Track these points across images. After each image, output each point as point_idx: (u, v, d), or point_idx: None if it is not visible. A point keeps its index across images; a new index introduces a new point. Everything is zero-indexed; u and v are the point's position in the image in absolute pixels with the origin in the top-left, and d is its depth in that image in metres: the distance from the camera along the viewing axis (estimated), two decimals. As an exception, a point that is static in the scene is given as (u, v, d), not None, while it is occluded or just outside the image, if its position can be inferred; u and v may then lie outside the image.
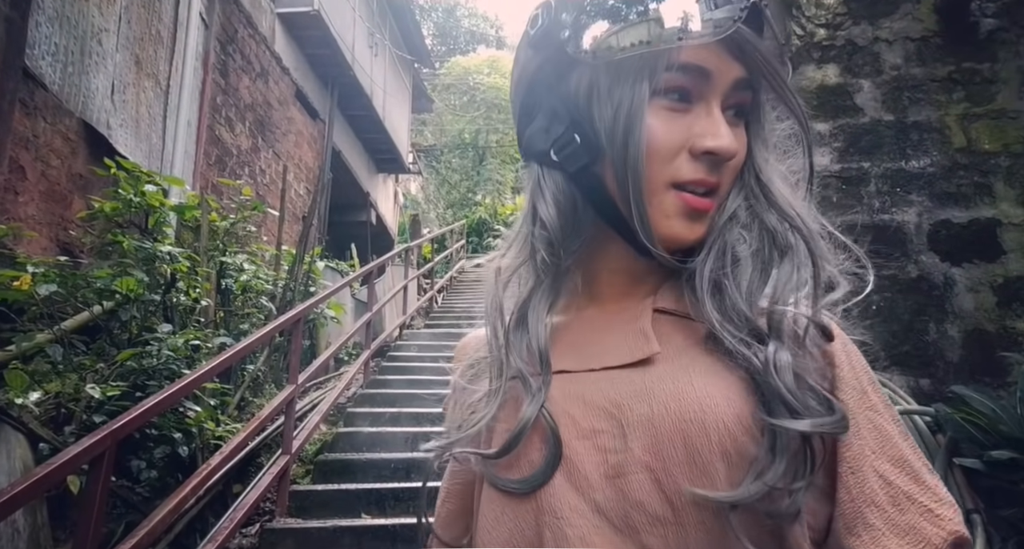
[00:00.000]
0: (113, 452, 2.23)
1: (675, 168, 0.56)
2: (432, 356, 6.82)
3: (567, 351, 0.62)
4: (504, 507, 0.58)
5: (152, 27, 5.36)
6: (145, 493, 3.37)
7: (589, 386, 0.58)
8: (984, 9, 3.19)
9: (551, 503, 0.55)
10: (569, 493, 0.55)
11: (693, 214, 0.56)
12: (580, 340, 0.63)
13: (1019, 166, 3.02)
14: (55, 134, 4.22)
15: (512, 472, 0.58)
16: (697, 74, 0.55)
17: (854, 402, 0.54)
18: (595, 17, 0.56)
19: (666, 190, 0.56)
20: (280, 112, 8.03)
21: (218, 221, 5.10)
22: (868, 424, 0.54)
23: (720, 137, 0.55)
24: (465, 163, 19.56)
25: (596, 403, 0.57)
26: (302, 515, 3.87)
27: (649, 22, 0.54)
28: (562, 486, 0.55)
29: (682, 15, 0.53)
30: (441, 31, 26.16)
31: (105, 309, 3.86)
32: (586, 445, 0.56)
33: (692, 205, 0.56)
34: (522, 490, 0.56)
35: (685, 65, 0.55)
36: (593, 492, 0.54)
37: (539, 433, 0.58)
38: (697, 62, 0.55)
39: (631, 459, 0.53)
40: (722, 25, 0.53)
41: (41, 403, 3.14)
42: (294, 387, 4.01)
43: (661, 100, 0.56)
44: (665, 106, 0.56)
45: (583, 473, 0.55)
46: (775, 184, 0.58)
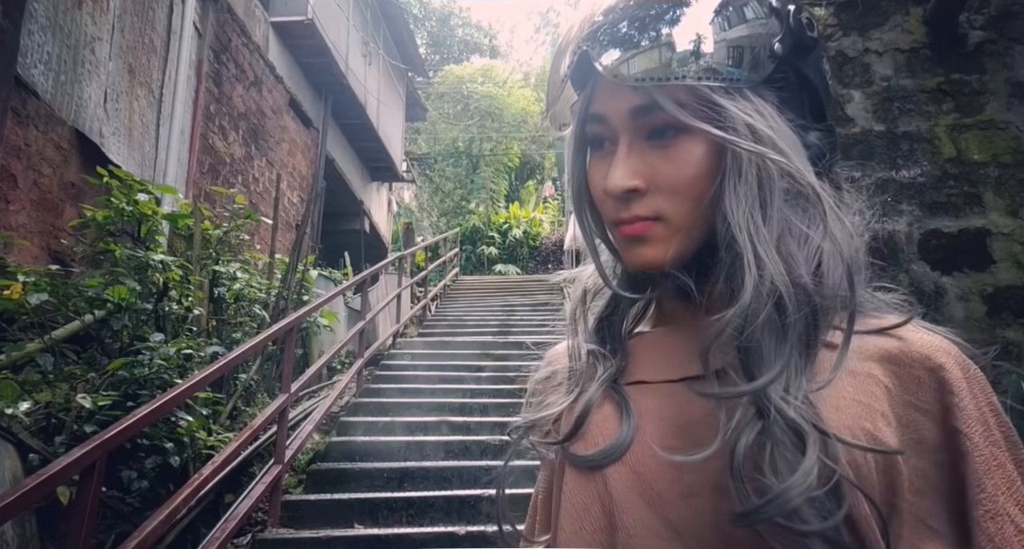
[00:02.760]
0: (104, 463, 2.21)
1: (606, 210, 0.61)
2: (426, 365, 6.81)
3: (647, 361, 0.63)
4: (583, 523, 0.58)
5: (145, 36, 5.36)
6: (136, 503, 3.35)
7: (665, 401, 0.59)
8: (972, 21, 3.23)
9: (624, 520, 0.55)
10: (641, 510, 0.55)
11: (633, 241, 0.59)
12: (661, 351, 0.63)
13: (1008, 176, 3.05)
14: (47, 143, 4.21)
15: (588, 449, 0.60)
16: (598, 121, 0.60)
17: (978, 433, 0.51)
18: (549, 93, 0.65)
19: (612, 228, 0.62)
20: (274, 121, 8.03)
21: (211, 230, 5.09)
22: (995, 462, 0.50)
23: (609, 178, 0.58)
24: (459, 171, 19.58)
25: (672, 419, 0.57)
26: (294, 525, 3.85)
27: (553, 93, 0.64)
28: (634, 502, 0.55)
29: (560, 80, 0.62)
30: (435, 40, 26.24)
31: (96, 318, 3.84)
32: (659, 461, 0.56)
33: (624, 234, 0.60)
34: (597, 462, 0.58)
35: (590, 116, 0.60)
36: (666, 510, 0.54)
37: (615, 412, 0.60)
38: (593, 110, 0.60)
39: (707, 478, 0.52)
40: (567, 76, 0.60)
41: (31, 413, 3.12)
42: (287, 396, 3.99)
43: (593, 150, 0.62)
44: (596, 155, 0.62)
45: (657, 491, 0.55)
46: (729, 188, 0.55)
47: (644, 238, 0.58)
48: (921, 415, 0.51)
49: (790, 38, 0.57)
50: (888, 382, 0.53)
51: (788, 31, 0.57)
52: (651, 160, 0.57)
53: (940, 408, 0.51)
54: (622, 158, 0.58)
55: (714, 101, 0.54)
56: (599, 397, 0.62)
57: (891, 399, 0.52)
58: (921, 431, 0.51)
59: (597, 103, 0.59)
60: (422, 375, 6.39)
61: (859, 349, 0.54)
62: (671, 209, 0.57)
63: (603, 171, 0.59)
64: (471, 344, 7.43)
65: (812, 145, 0.58)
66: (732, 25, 0.55)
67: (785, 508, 0.46)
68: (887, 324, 0.56)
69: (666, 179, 0.57)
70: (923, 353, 0.53)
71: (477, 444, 4.77)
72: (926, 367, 0.53)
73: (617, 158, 0.58)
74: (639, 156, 0.57)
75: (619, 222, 0.59)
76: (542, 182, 20.65)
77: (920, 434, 0.51)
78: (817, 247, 0.54)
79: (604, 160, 0.60)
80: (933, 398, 0.52)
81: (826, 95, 0.61)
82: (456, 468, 4.40)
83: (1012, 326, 2.89)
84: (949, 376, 0.52)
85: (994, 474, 0.50)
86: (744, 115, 0.54)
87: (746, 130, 0.54)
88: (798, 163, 0.55)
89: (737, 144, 0.54)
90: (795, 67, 0.58)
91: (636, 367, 0.63)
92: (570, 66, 0.59)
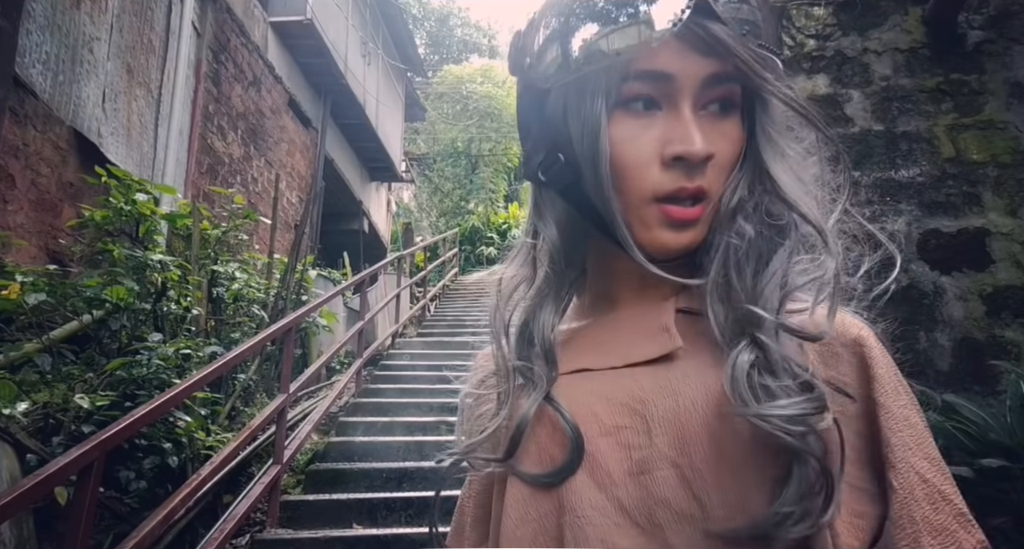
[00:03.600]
0: (102, 463, 2.21)
1: (652, 181, 0.55)
2: (425, 365, 6.80)
3: (587, 351, 0.62)
4: (528, 507, 0.57)
5: (144, 36, 5.35)
6: (134, 504, 3.34)
7: (611, 383, 0.58)
8: (971, 21, 3.23)
9: (572, 501, 0.54)
10: (591, 490, 0.54)
11: (677, 225, 0.56)
12: (600, 340, 0.62)
13: (1007, 176, 3.05)
14: (45, 142, 4.21)
15: (535, 468, 0.58)
16: (658, 79, 0.54)
17: (891, 400, 0.54)
18: (551, 41, 0.56)
19: (647, 204, 0.56)
20: (272, 121, 8.02)
21: (210, 230, 5.09)
22: (904, 421, 0.54)
23: (688, 141, 0.53)
24: (458, 171, 19.57)
25: (619, 399, 0.57)
26: (293, 526, 3.84)
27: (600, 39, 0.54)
28: (584, 483, 0.55)
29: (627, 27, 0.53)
30: (434, 40, 26.24)
31: (95, 318, 3.84)
32: (609, 442, 0.55)
33: (674, 217, 0.55)
34: (549, 483, 0.56)
35: (643, 72, 0.54)
36: (616, 489, 0.53)
37: (557, 428, 0.58)
38: (656, 68, 0.54)
39: (656, 455, 0.53)
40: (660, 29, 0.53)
41: (29, 413, 3.11)
42: (285, 396, 3.99)
43: (626, 112, 0.56)
44: (632, 117, 0.56)
45: (606, 470, 0.54)
46: (776, 171, 0.57)
47: (692, 223, 0.56)
48: (842, 388, 0.54)
49: None
50: (813, 358, 0.55)
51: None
52: (711, 132, 0.55)
53: (859, 381, 0.55)
54: (693, 122, 0.54)
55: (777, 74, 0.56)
56: (533, 412, 0.59)
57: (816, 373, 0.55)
58: (844, 404, 0.54)
59: (662, 59, 0.54)
60: (421, 375, 6.39)
61: None
62: (717, 187, 0.56)
63: (650, 134, 0.55)
64: (471, 344, 7.40)
65: None
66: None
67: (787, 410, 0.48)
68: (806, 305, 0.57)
69: (723, 154, 0.56)
70: (840, 330, 0.56)
71: (476, 444, 4.76)
72: (843, 343, 0.56)
73: (688, 122, 0.54)
74: (701, 125, 0.55)
75: (674, 195, 0.55)
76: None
77: (843, 406, 0.53)
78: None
79: (648, 123, 0.55)
80: (852, 372, 0.55)
81: None
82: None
83: (1011, 326, 2.89)
84: (865, 350, 0.55)
85: (903, 430, 0.53)
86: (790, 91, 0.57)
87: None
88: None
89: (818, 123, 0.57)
90: None
91: (577, 356, 0.62)
92: (685, 9, 0.52)
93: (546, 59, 0.57)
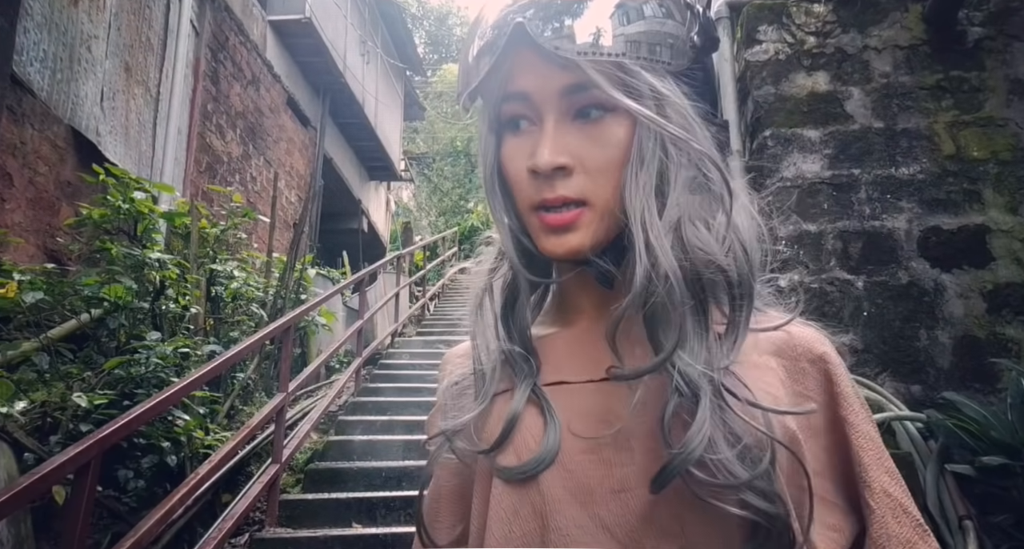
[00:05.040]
0: (99, 462, 2.20)
1: (526, 193, 0.58)
2: (424, 364, 6.79)
3: (563, 362, 0.61)
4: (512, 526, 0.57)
5: (142, 34, 5.34)
6: (132, 503, 3.33)
7: (589, 398, 0.58)
8: (972, 18, 3.22)
9: (556, 520, 0.54)
10: (573, 508, 0.54)
11: (555, 230, 0.57)
12: (572, 351, 0.62)
13: (1007, 173, 3.04)
14: (43, 141, 4.20)
15: (512, 461, 0.58)
16: (520, 98, 0.58)
17: (857, 417, 0.56)
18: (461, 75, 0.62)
19: (531, 213, 0.59)
20: (271, 119, 8.01)
21: (208, 228, 5.08)
22: (868, 438, 0.56)
23: (536, 155, 0.56)
24: (457, 171, 19.58)
25: (597, 414, 0.56)
26: (292, 525, 3.84)
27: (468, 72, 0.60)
28: (566, 501, 0.55)
29: (474, 58, 0.59)
30: (433, 39, 26.23)
31: (93, 317, 3.83)
32: (590, 458, 0.55)
33: (547, 223, 0.57)
34: (523, 476, 0.56)
35: (509, 94, 0.58)
36: (597, 507, 0.53)
37: (536, 421, 0.58)
38: (516, 88, 0.57)
39: (638, 472, 0.53)
40: (491, 50, 0.57)
41: (27, 412, 3.10)
42: (284, 395, 3.98)
43: (512, 132, 0.60)
44: (513, 137, 0.59)
45: (587, 488, 0.54)
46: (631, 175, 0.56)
47: (571, 226, 0.57)
48: (809, 403, 0.56)
49: (703, 33, 0.59)
50: (782, 374, 0.57)
51: (701, 26, 0.59)
52: (578, 139, 0.56)
53: (825, 397, 0.57)
54: (550, 135, 0.56)
55: (644, 79, 0.55)
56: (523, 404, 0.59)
57: (785, 389, 0.57)
58: (811, 418, 0.56)
59: (520, 80, 0.57)
60: (420, 374, 6.38)
61: (757, 344, 0.58)
62: (596, 191, 0.56)
63: (523, 151, 0.58)
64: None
65: (714, 138, 0.59)
66: (662, 14, 0.57)
67: (690, 458, 0.49)
68: (774, 321, 0.59)
69: (593, 159, 0.56)
70: (804, 346, 0.58)
71: (475, 443, 4.75)
72: (808, 359, 0.58)
73: (544, 135, 0.56)
74: (565, 134, 0.56)
75: (541, 205, 0.57)
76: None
77: (810, 420, 0.56)
78: (719, 235, 0.56)
79: (524, 140, 0.58)
80: (818, 387, 0.57)
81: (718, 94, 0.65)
82: (454, 467, 4.39)
83: (1012, 323, 2.88)
84: (830, 367, 0.58)
85: (868, 449, 0.56)
86: (670, 95, 0.56)
87: (667, 113, 0.56)
88: (710, 152, 0.57)
89: (662, 126, 0.55)
90: (703, 62, 0.60)
91: (553, 368, 0.61)
92: (500, 37, 0.56)
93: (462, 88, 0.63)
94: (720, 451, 0.49)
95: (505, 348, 0.62)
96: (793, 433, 0.54)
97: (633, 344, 0.56)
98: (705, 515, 0.50)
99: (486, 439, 0.60)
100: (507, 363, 0.62)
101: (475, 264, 0.70)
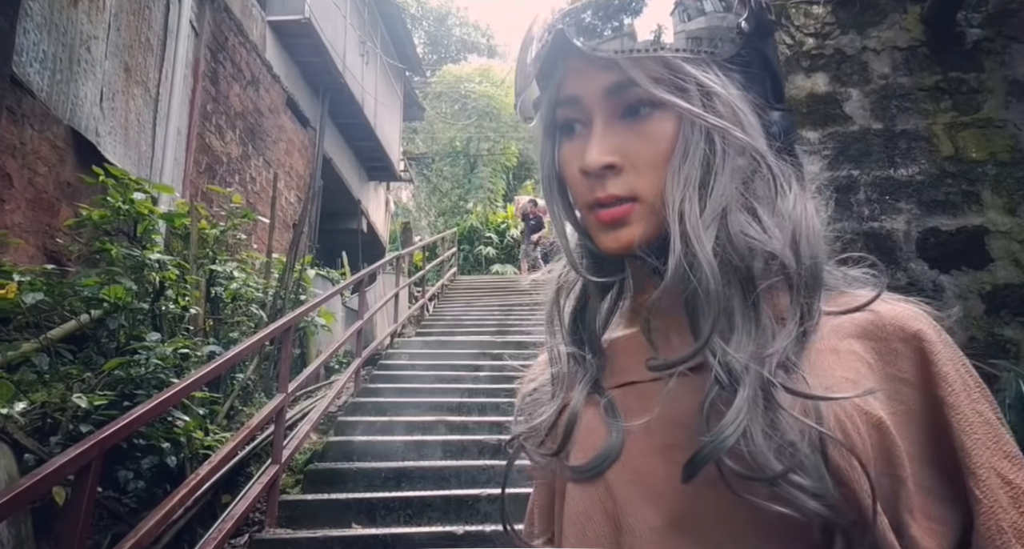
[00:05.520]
0: (99, 462, 2.20)
1: (581, 193, 0.60)
2: (424, 364, 6.80)
3: (633, 362, 0.61)
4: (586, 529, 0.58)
5: (142, 35, 5.34)
6: (132, 504, 3.33)
7: (656, 398, 0.57)
8: (970, 19, 3.22)
9: (628, 522, 0.55)
10: (645, 510, 0.54)
11: (609, 226, 0.58)
12: (644, 349, 0.61)
13: (1006, 174, 3.04)
14: (42, 141, 4.20)
15: (578, 460, 0.59)
16: (571, 102, 0.60)
17: (960, 397, 0.52)
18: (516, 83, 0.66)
19: (588, 212, 0.61)
20: (271, 120, 8.01)
21: (208, 229, 5.08)
22: (978, 418, 0.52)
23: (586, 155, 0.57)
24: (456, 171, 19.57)
25: (666, 414, 0.56)
26: (292, 525, 3.84)
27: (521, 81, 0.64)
28: (637, 503, 0.55)
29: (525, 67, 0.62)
30: (432, 40, 26.22)
31: (93, 318, 3.83)
32: (660, 459, 0.55)
33: (601, 219, 0.59)
34: (589, 474, 0.57)
35: (561, 99, 0.60)
36: (669, 506, 0.53)
37: (601, 419, 0.59)
38: (566, 93, 0.60)
39: (709, 472, 0.51)
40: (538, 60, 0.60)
41: (27, 413, 3.10)
42: (284, 396, 3.98)
43: (567, 136, 0.62)
44: (569, 140, 0.61)
45: (656, 488, 0.54)
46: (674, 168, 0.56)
47: (623, 221, 0.58)
48: (904, 386, 0.53)
49: (754, 18, 0.58)
50: (869, 357, 0.54)
51: (752, 12, 0.58)
52: (626, 137, 0.57)
53: (921, 378, 0.53)
54: (598, 135, 0.58)
55: (687, 73, 0.56)
56: (583, 403, 0.60)
57: (874, 373, 0.53)
58: (907, 402, 0.52)
59: (569, 85, 0.59)
60: (420, 374, 6.38)
61: (838, 327, 0.56)
62: (646, 187, 0.57)
63: (577, 153, 0.59)
64: (469, 343, 7.41)
65: (775, 123, 0.59)
66: (701, 3, 0.57)
67: (721, 447, 0.48)
68: (859, 301, 0.57)
69: (641, 156, 0.57)
70: (897, 324, 0.55)
71: (475, 443, 4.76)
72: (901, 338, 0.54)
73: (593, 136, 0.58)
74: (614, 134, 0.58)
75: (595, 204, 0.58)
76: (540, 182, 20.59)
77: (907, 404, 0.52)
78: (771, 223, 0.55)
79: (577, 143, 0.60)
80: (913, 368, 0.53)
81: (783, 78, 0.64)
82: (454, 468, 4.40)
83: (1011, 324, 2.89)
84: (925, 345, 0.54)
85: (977, 430, 0.51)
86: (713, 85, 0.56)
87: (713, 104, 0.56)
88: (758, 141, 0.57)
89: (701, 117, 0.55)
90: (757, 48, 0.59)
91: (624, 368, 0.62)
92: (544, 47, 0.59)
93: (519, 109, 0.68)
94: (755, 442, 0.48)
95: (569, 351, 0.64)
96: (878, 419, 0.51)
97: (683, 337, 0.56)
98: (781, 514, 0.48)
99: (555, 443, 0.61)
100: (575, 366, 0.63)
101: (546, 273, 0.71)
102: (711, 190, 0.55)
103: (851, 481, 0.48)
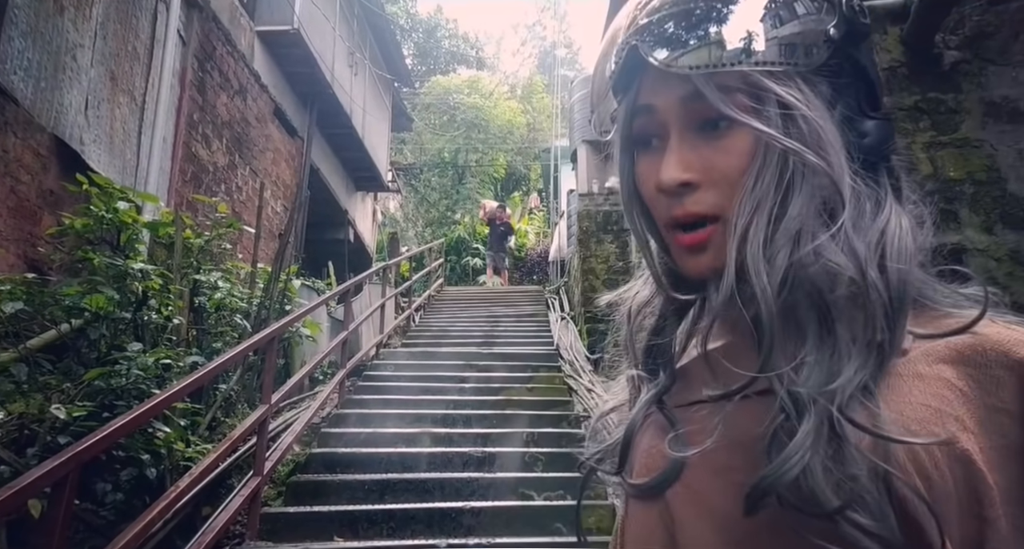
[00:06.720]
0: (77, 475, 2.17)
1: (660, 211, 0.58)
2: (409, 376, 6.78)
3: (700, 384, 0.60)
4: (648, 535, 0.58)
5: (128, 43, 5.33)
6: (110, 517, 3.29)
7: (723, 416, 0.56)
8: (948, 41, 3.29)
9: (686, 542, 0.55)
10: (705, 531, 0.54)
11: (690, 250, 0.57)
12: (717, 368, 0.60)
13: (983, 193, 3.10)
14: (25, 149, 4.16)
15: (639, 478, 0.59)
16: (647, 112, 0.58)
17: None
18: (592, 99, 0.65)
19: (668, 232, 0.59)
20: (258, 129, 8.00)
21: (192, 238, 5.05)
22: None
23: (663, 171, 0.56)
24: (444, 182, 19.61)
25: (730, 435, 0.54)
26: (273, 538, 3.80)
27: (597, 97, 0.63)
28: (697, 524, 0.55)
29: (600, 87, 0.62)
30: (421, 51, 26.32)
31: (73, 327, 3.79)
32: (721, 481, 0.54)
33: (682, 243, 0.57)
34: (651, 490, 0.58)
35: (636, 109, 0.58)
36: (731, 530, 0.52)
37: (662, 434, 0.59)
38: (641, 102, 0.58)
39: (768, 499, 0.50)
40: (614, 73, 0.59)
41: (3, 424, 3.06)
42: (267, 407, 3.95)
43: (644, 150, 0.60)
44: (646, 154, 0.60)
45: (720, 511, 0.54)
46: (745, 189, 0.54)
47: (703, 246, 0.56)
48: (1006, 418, 0.48)
49: (844, 24, 0.55)
50: (963, 385, 0.49)
51: (842, 17, 0.55)
52: (704, 152, 0.55)
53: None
54: (674, 150, 0.56)
55: (765, 87, 0.53)
56: (641, 420, 0.61)
57: (968, 403, 0.49)
58: (1008, 435, 0.47)
59: (645, 94, 0.57)
60: (405, 386, 6.36)
61: (930, 351, 0.51)
62: (725, 205, 0.55)
63: (653, 169, 0.57)
64: (455, 355, 7.40)
65: (868, 134, 0.56)
66: (785, 11, 0.54)
67: (781, 481, 0.46)
68: (961, 324, 0.52)
69: (720, 172, 0.55)
70: (1001, 350, 0.49)
71: (459, 456, 4.74)
72: (1005, 365, 0.49)
73: (669, 150, 0.56)
74: (691, 148, 0.55)
75: (674, 224, 0.57)
76: (528, 193, 20.71)
77: (1008, 438, 0.47)
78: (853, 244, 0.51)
79: (654, 158, 0.58)
80: (1016, 399, 0.48)
81: (879, 84, 0.60)
82: (438, 480, 4.38)
83: (987, 340, 2.92)
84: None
85: None
86: (793, 101, 0.53)
87: (792, 121, 0.53)
88: (834, 162, 0.53)
89: (775, 139, 0.53)
90: (849, 55, 0.56)
91: (691, 387, 0.60)
92: (618, 61, 0.57)
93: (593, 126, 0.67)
94: (815, 476, 0.45)
95: (643, 374, 0.63)
96: (964, 453, 0.46)
97: (752, 361, 0.53)
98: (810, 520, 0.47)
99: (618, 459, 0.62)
100: (641, 385, 0.63)
101: (623, 292, 0.69)
102: (786, 211, 0.52)
103: (919, 519, 0.45)
